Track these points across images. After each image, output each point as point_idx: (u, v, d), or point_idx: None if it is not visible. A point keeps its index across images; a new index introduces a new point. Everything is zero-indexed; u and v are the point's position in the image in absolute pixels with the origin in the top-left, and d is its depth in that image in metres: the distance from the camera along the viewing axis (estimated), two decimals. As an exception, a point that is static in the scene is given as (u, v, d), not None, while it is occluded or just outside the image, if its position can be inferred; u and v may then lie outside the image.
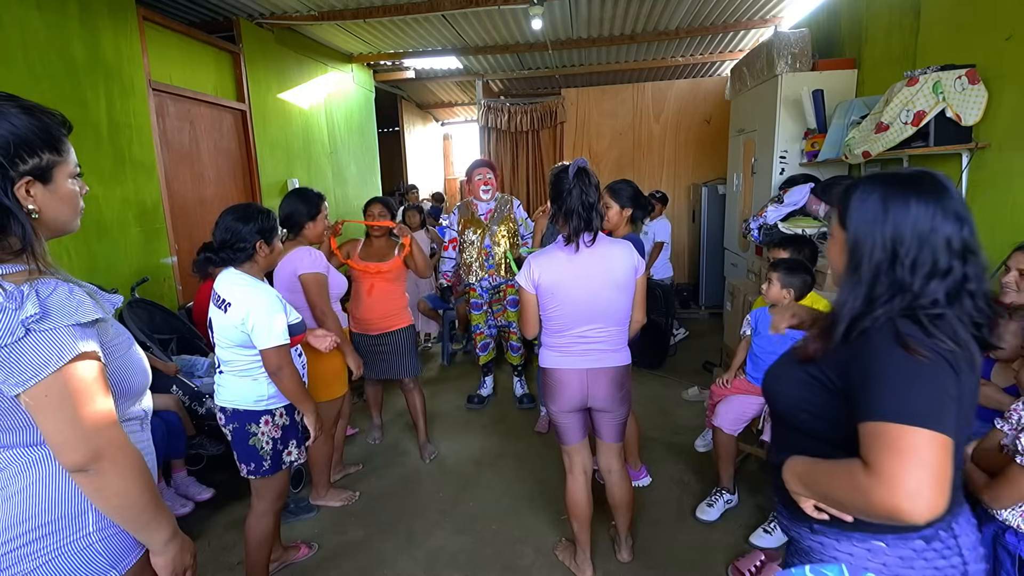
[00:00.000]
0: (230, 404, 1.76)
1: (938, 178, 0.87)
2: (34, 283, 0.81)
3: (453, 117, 9.44)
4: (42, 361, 0.79)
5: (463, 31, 4.80)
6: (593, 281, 1.78)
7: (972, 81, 2.39)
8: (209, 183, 3.82)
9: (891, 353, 0.80)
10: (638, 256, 1.87)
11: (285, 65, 4.58)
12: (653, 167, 6.06)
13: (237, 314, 1.65)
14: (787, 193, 3.30)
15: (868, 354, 0.83)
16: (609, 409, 1.87)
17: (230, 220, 1.70)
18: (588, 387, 1.83)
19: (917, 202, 0.85)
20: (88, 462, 0.83)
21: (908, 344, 0.79)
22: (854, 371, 0.84)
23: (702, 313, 5.51)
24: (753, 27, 4.73)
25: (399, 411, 3.46)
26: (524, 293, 1.83)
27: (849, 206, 0.91)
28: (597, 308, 1.80)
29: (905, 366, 0.79)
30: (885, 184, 0.88)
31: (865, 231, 0.88)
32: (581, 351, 1.82)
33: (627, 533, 2.07)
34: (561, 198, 1.77)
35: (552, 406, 1.89)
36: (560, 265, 1.78)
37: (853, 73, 3.44)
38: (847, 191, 0.92)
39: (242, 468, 1.79)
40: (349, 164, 5.71)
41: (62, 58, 2.67)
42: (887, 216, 0.86)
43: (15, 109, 0.83)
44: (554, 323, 1.83)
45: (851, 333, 0.86)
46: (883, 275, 0.86)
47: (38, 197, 0.85)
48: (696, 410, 3.32)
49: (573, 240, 1.77)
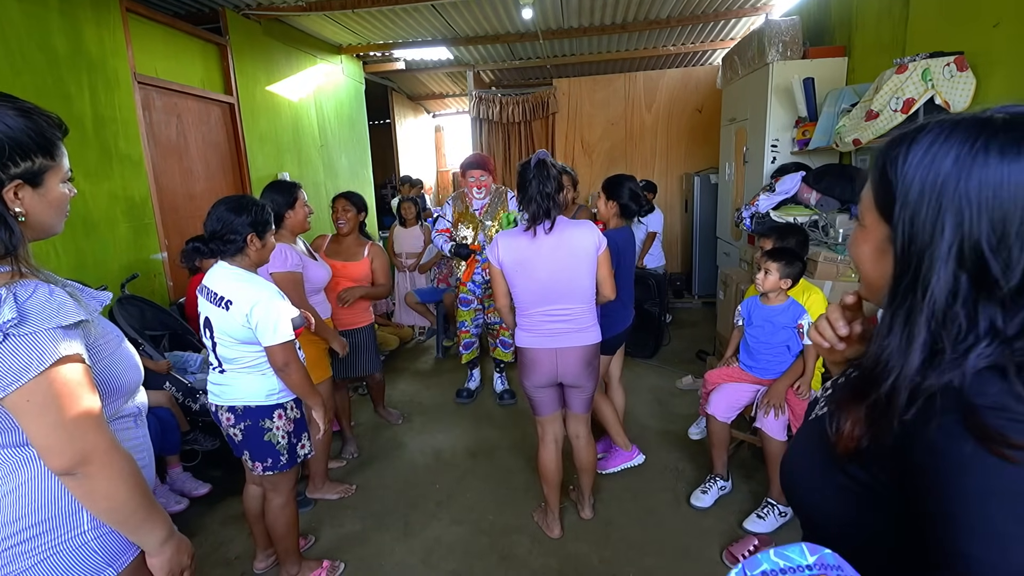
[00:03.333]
0: (240, 402, 1.73)
1: None
2: (12, 286, 0.79)
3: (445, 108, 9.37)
4: (22, 366, 0.78)
5: (453, 21, 4.75)
6: (556, 261, 1.92)
7: (961, 68, 2.41)
8: (198, 178, 3.78)
9: (975, 459, 0.46)
10: (599, 234, 1.98)
11: (273, 57, 4.52)
12: (645, 157, 6.06)
13: (240, 311, 1.62)
14: (779, 182, 3.32)
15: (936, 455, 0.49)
16: (578, 384, 2.04)
17: (222, 210, 1.67)
18: (557, 365, 1.99)
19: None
20: (74, 466, 0.82)
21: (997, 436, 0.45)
22: (917, 479, 0.51)
23: (695, 302, 5.54)
24: (744, 15, 4.71)
25: (395, 405, 3.47)
26: (492, 268, 1.99)
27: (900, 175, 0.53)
28: (560, 287, 1.94)
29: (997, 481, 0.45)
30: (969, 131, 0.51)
31: (929, 219, 0.51)
32: (550, 331, 1.97)
33: (589, 492, 2.28)
34: (524, 187, 1.93)
35: (526, 382, 2.06)
36: (521, 247, 1.93)
37: (843, 61, 3.45)
38: (894, 148, 0.55)
39: (257, 466, 1.76)
40: (340, 157, 5.66)
41: (43, 50, 2.62)
42: (972, 188, 0.49)
43: (12, 111, 0.81)
44: (521, 301, 1.99)
45: (908, 407, 0.51)
46: (961, 303, 0.50)
47: (26, 200, 0.84)
48: (690, 398, 3.35)
49: (531, 227, 1.91)
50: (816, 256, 2.77)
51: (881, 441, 0.54)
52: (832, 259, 2.76)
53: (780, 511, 2.16)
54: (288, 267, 2.19)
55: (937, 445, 0.48)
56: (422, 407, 3.48)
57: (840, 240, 2.87)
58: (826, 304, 2.22)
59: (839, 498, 0.60)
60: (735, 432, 2.42)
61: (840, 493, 0.59)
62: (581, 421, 2.16)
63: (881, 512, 0.57)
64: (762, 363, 2.26)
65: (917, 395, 0.51)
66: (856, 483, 0.57)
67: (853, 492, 0.58)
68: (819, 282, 2.68)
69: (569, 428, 2.18)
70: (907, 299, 0.53)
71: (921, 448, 0.50)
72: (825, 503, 0.62)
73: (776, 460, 2.15)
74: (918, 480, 0.51)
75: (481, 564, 2.08)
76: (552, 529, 2.19)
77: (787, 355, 2.21)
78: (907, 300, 0.53)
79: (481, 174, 3.20)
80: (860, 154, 3.20)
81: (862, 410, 0.55)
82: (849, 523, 0.60)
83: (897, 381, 0.52)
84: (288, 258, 2.20)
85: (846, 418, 0.57)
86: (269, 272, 2.19)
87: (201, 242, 1.69)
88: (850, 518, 0.59)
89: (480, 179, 3.20)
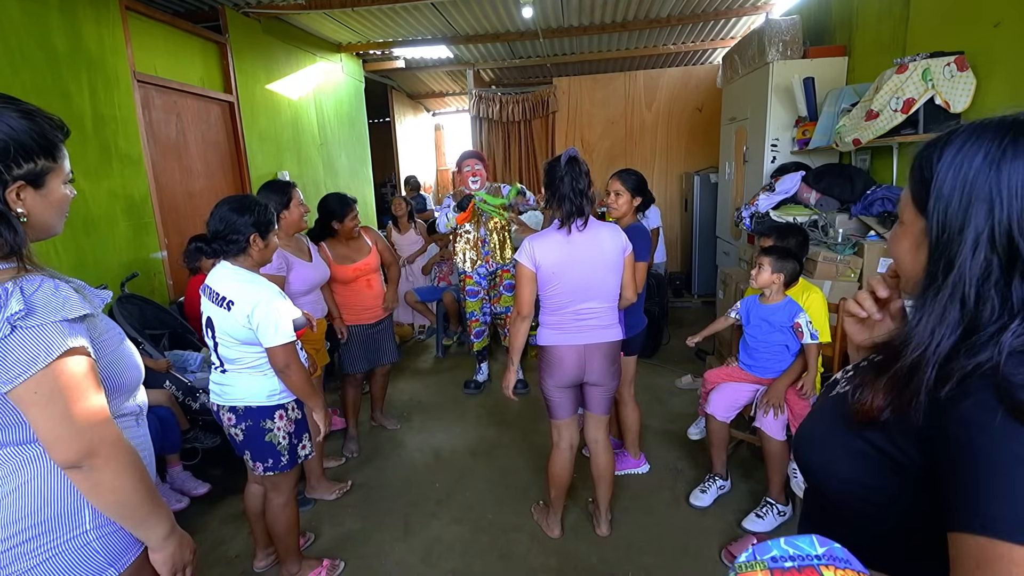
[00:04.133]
0: (241, 402, 1.73)
1: None
2: (18, 280, 0.80)
3: (444, 107, 9.36)
4: (30, 358, 0.78)
5: (453, 19, 4.74)
6: (587, 262, 1.91)
7: (961, 68, 2.41)
8: (198, 176, 3.77)
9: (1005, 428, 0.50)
10: (625, 237, 1.99)
11: (273, 55, 4.52)
12: (645, 156, 6.06)
13: (242, 311, 1.62)
14: (778, 181, 3.32)
15: (966, 425, 0.53)
16: (601, 383, 2.01)
17: (225, 210, 1.67)
18: (584, 362, 1.96)
19: None
20: (81, 458, 0.82)
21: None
22: (943, 449, 0.55)
23: (695, 301, 5.54)
24: (744, 14, 4.71)
25: (394, 404, 3.48)
26: (523, 270, 1.93)
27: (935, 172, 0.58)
28: (592, 287, 1.93)
29: None
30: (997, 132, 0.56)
31: (960, 209, 0.56)
32: (576, 328, 1.95)
33: (607, 506, 2.18)
34: (554, 185, 1.91)
35: (548, 381, 2.01)
36: (558, 247, 1.91)
37: (844, 60, 3.44)
38: (929, 149, 0.60)
39: (257, 466, 1.77)
40: (340, 155, 5.65)
41: (43, 49, 2.62)
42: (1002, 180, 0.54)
43: (15, 113, 0.82)
44: (552, 302, 1.95)
45: (941, 385, 0.55)
46: (994, 284, 0.55)
47: (28, 201, 0.84)
48: (689, 398, 3.35)
49: (566, 224, 1.90)
50: (815, 256, 2.77)
51: (905, 413, 0.57)
52: (831, 259, 2.76)
53: (779, 510, 2.17)
54: (270, 270, 2.15)
55: (968, 417, 0.52)
56: (422, 406, 3.48)
57: (840, 240, 2.87)
58: (825, 303, 2.22)
59: (854, 462, 0.63)
60: (734, 432, 2.42)
61: (855, 457, 0.63)
62: (601, 424, 2.09)
63: (897, 477, 0.60)
64: (761, 362, 2.26)
65: (951, 374, 0.54)
66: (874, 449, 0.61)
67: (870, 457, 0.62)
68: (818, 282, 2.68)
69: (588, 432, 2.12)
70: (939, 281, 0.57)
71: (952, 420, 0.54)
72: (839, 466, 0.65)
73: (775, 460, 2.16)
74: (946, 449, 0.54)
75: (480, 563, 2.08)
76: (552, 529, 2.18)
77: (786, 354, 2.21)
78: (939, 282, 0.57)
79: (476, 163, 3.30)
80: (860, 154, 3.20)
81: (883, 382, 0.60)
82: (861, 485, 0.63)
83: (924, 355, 0.56)
84: (274, 260, 2.19)
85: (870, 390, 0.61)
86: None
87: (204, 242, 1.69)
88: (864, 481, 0.63)
89: (475, 167, 3.29)
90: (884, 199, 2.84)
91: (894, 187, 2.90)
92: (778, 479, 2.17)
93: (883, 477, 0.61)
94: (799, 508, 2.22)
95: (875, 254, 2.72)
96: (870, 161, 3.23)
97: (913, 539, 0.61)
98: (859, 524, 0.64)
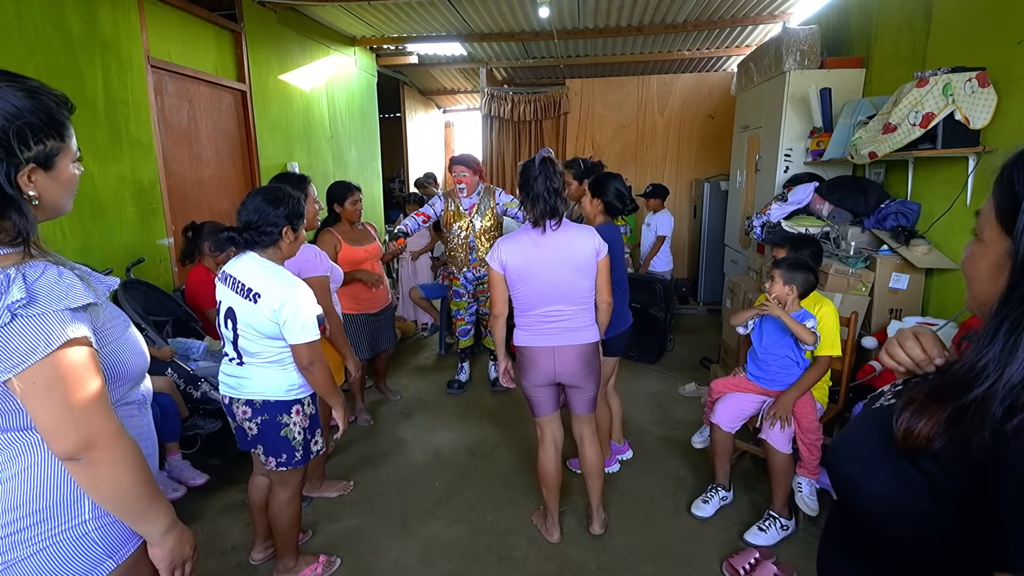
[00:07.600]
0: (259, 396, 1.70)
1: None
2: (21, 267, 0.78)
3: (455, 104, 9.35)
4: (29, 347, 0.76)
5: (468, 17, 4.73)
6: (556, 263, 1.92)
7: (982, 84, 2.37)
8: (208, 164, 3.76)
9: None
10: (599, 239, 1.98)
11: (287, 46, 4.51)
12: (655, 161, 6.03)
13: (268, 305, 1.59)
14: (791, 191, 3.29)
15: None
16: (577, 384, 2.02)
17: (259, 202, 1.64)
18: (555, 363, 1.98)
19: None
20: (79, 450, 0.80)
21: None
22: (1004, 483, 0.51)
23: (700, 309, 5.51)
24: (762, 22, 4.68)
25: (392, 403, 3.46)
26: (492, 272, 1.98)
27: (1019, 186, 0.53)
28: (560, 289, 1.94)
29: None
30: None
31: None
32: (548, 330, 1.97)
33: (599, 503, 2.18)
34: (528, 185, 1.92)
35: (525, 381, 2.05)
36: (526, 248, 1.93)
37: (861, 72, 3.41)
38: (1019, 159, 0.55)
39: (270, 461, 1.75)
40: (350, 149, 5.64)
41: (58, 31, 2.61)
42: None
43: (20, 92, 0.79)
44: (521, 303, 1.98)
45: (1007, 417, 0.52)
46: None
47: (39, 183, 0.82)
48: (693, 406, 3.33)
49: (540, 224, 1.91)
50: (827, 268, 2.74)
51: (961, 444, 0.54)
52: (843, 271, 2.73)
53: (782, 524, 2.14)
54: (320, 271, 2.14)
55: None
56: (423, 404, 3.47)
57: (851, 253, 2.84)
58: (837, 316, 2.19)
59: (895, 482, 0.61)
60: (738, 442, 2.40)
61: (898, 478, 0.60)
62: (584, 423, 2.12)
63: (938, 499, 0.58)
64: (769, 374, 2.23)
65: (1019, 406, 0.51)
66: (920, 472, 0.58)
67: (913, 479, 0.59)
68: (829, 294, 2.66)
69: (573, 429, 2.14)
70: (1017, 310, 0.53)
71: (1017, 454, 0.51)
72: (878, 484, 0.62)
73: (780, 472, 2.13)
74: (1008, 484, 0.51)
75: (478, 565, 2.06)
76: (551, 533, 2.16)
77: (794, 367, 2.19)
78: (1016, 311, 0.53)
79: (463, 170, 3.27)
80: (875, 167, 3.16)
81: (944, 412, 0.56)
82: (895, 504, 0.61)
83: (992, 388, 0.52)
84: (322, 261, 2.17)
85: (922, 418, 0.57)
86: (304, 276, 2.13)
87: (236, 232, 1.67)
88: (900, 500, 0.60)
89: (462, 175, 3.26)
90: (898, 213, 2.81)
91: (908, 201, 2.86)
92: (782, 492, 2.15)
93: (923, 497, 0.59)
94: (802, 523, 2.20)
95: (887, 268, 2.69)
96: (884, 175, 3.19)
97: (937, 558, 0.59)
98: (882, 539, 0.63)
